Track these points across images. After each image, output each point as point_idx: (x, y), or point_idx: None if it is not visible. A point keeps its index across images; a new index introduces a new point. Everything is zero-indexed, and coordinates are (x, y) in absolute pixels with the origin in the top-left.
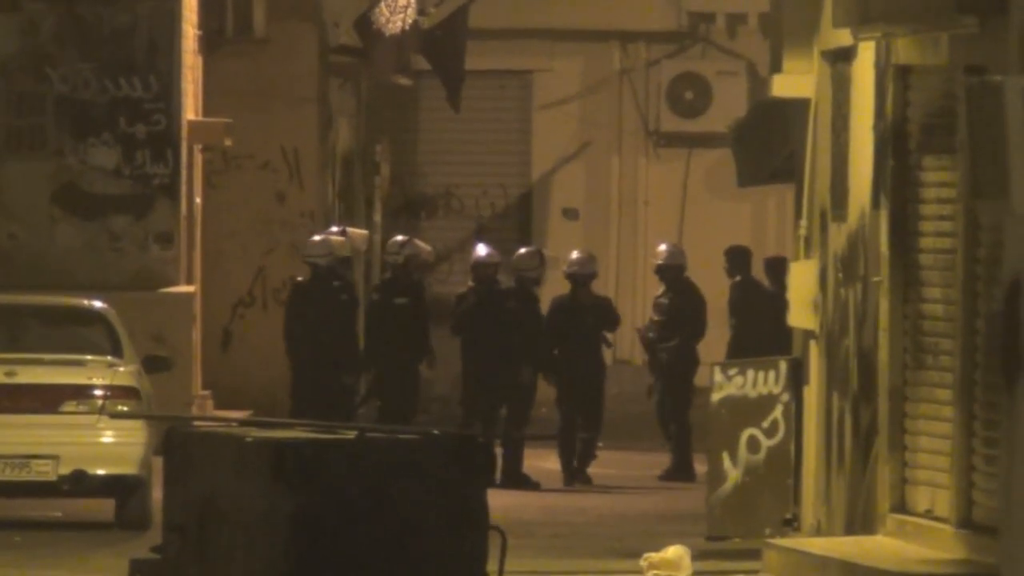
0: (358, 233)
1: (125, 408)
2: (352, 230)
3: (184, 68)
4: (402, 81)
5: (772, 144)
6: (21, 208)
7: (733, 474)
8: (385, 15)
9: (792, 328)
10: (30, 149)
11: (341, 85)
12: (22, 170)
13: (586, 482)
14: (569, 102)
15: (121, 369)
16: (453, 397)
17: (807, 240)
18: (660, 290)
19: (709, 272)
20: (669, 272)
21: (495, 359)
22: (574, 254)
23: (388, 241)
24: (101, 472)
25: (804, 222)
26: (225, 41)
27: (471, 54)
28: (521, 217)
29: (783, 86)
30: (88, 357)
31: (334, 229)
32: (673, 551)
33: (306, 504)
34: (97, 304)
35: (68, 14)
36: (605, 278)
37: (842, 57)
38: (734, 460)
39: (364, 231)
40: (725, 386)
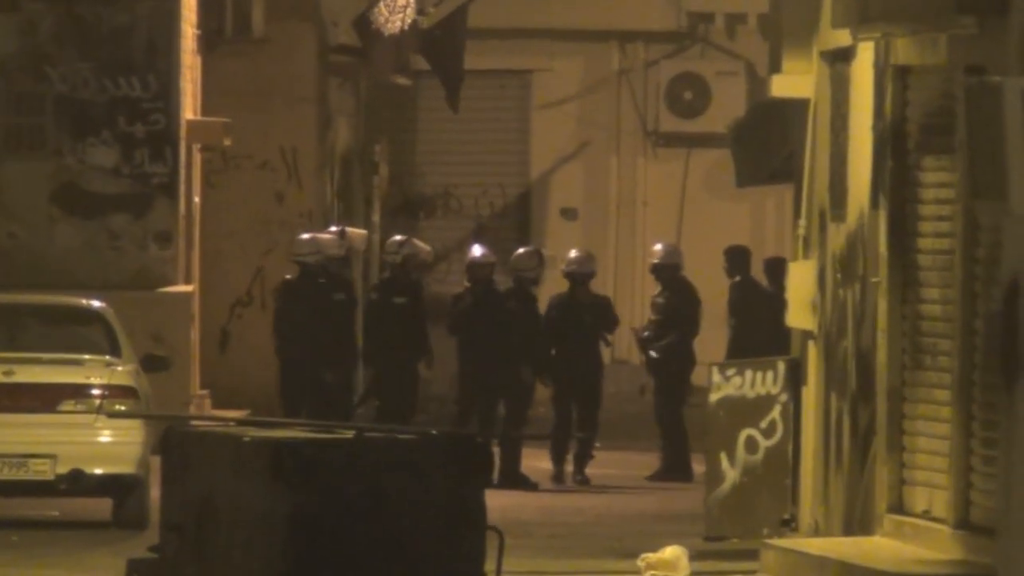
0: (357, 233)
1: (123, 407)
2: (351, 230)
3: (183, 68)
4: (401, 81)
5: (771, 144)
6: (20, 207)
7: (731, 474)
8: (384, 15)
9: (790, 328)
10: (29, 148)
11: (340, 85)
12: (21, 169)
13: (584, 482)
14: (568, 102)
15: (119, 368)
16: (451, 397)
17: (806, 240)
18: (657, 289)
19: (708, 272)
20: (665, 271)
21: (492, 359)
22: (572, 253)
23: (387, 241)
24: (99, 471)
25: (803, 222)
26: (224, 41)
27: (470, 54)
28: (520, 217)
29: (782, 86)
30: (86, 356)
31: (333, 229)
32: (671, 551)
33: (304, 504)
34: (95, 303)
35: (67, 14)
36: (604, 278)
37: (841, 57)
38: (732, 460)
39: (363, 231)
40: (723, 386)
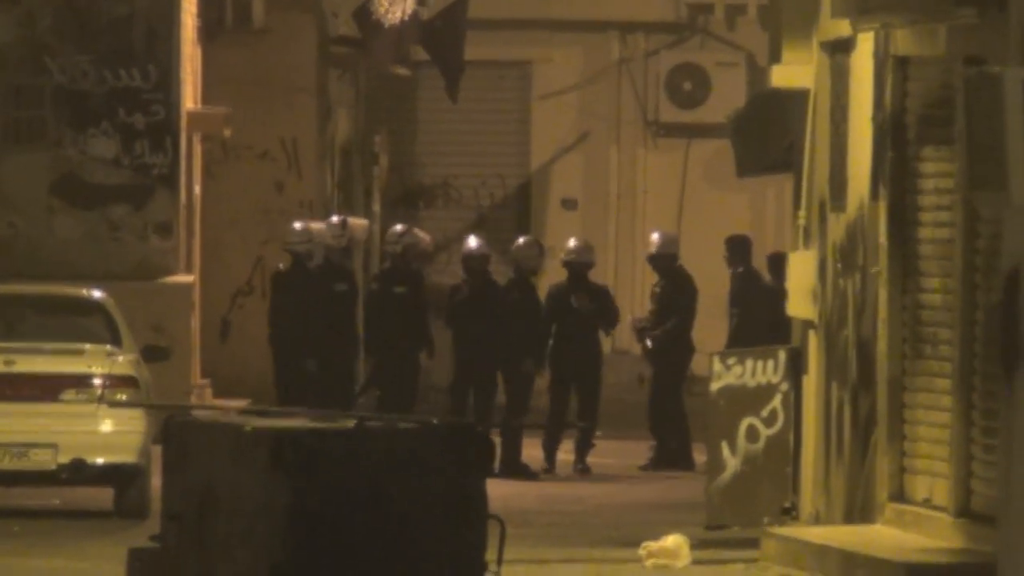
0: (358, 223)
1: (124, 397)
2: (352, 220)
3: (183, 58)
4: (401, 71)
5: (771, 135)
6: (21, 198)
7: (732, 463)
8: (384, 5)
9: (791, 318)
10: (29, 140)
11: (340, 75)
12: (21, 161)
13: (584, 471)
14: (568, 92)
15: (120, 358)
16: (444, 387)
17: (806, 231)
18: (655, 279)
19: (708, 262)
20: (662, 261)
21: (487, 350)
22: (571, 242)
23: (387, 231)
24: (100, 461)
25: (803, 213)
26: (224, 31)
27: (470, 44)
28: (520, 207)
29: (782, 77)
30: (87, 346)
31: (334, 219)
32: (672, 540)
33: (304, 493)
34: (96, 293)
35: (66, 5)
36: (604, 268)
37: (841, 48)
38: (733, 449)
39: (364, 221)
40: (724, 375)
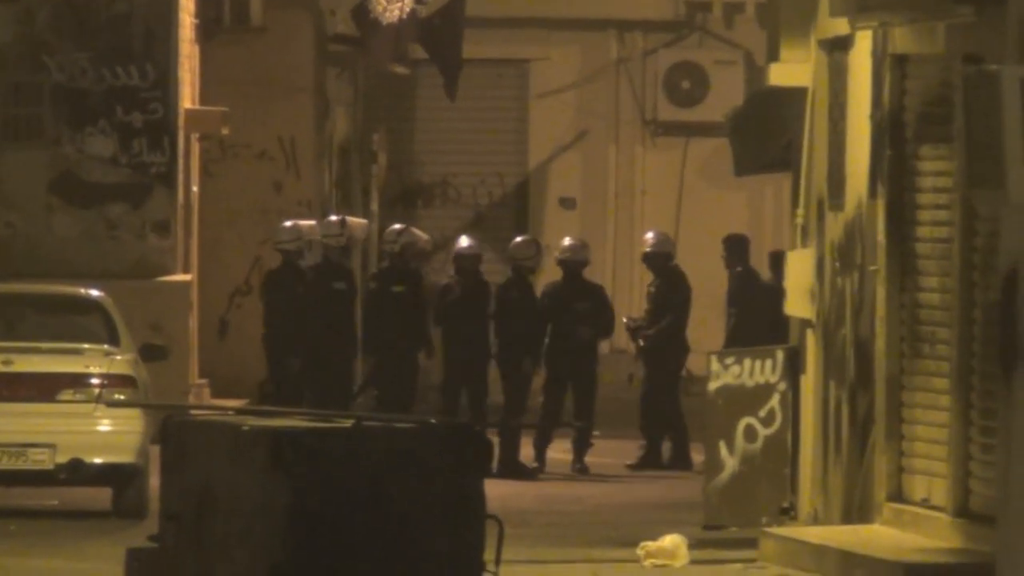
0: (357, 222)
1: (122, 397)
2: (352, 219)
3: (181, 57)
4: (399, 70)
5: (769, 133)
6: (18, 197)
7: (730, 463)
8: (382, 3)
9: (789, 318)
10: (27, 138)
11: (338, 74)
12: (19, 159)
13: (583, 471)
14: (566, 91)
15: (118, 357)
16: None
17: (804, 229)
18: (651, 278)
19: (706, 261)
20: (656, 260)
21: (480, 350)
22: (566, 240)
23: (385, 230)
24: (98, 461)
25: (801, 211)
26: (222, 30)
27: (468, 43)
28: (518, 206)
29: (780, 75)
30: (85, 346)
31: (333, 218)
32: (670, 540)
33: (302, 492)
34: (94, 293)
35: (65, 3)
36: (602, 267)
37: (839, 46)
38: (731, 449)
39: (363, 220)
40: (722, 375)
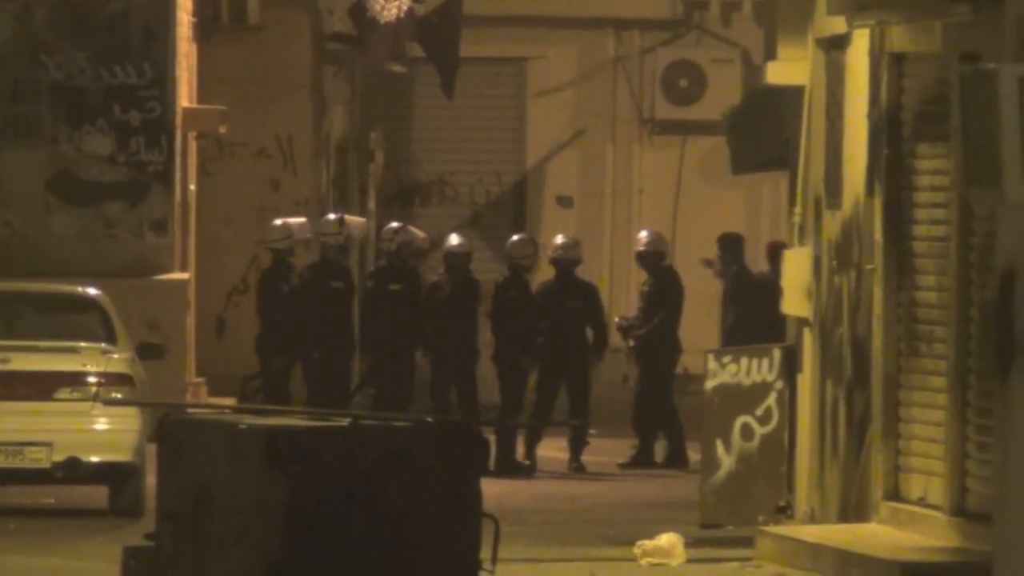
0: (356, 221)
1: (119, 395)
2: (350, 218)
3: (179, 55)
4: (396, 68)
5: (766, 132)
6: (16, 196)
7: (727, 462)
8: (380, 2)
9: (786, 316)
10: (25, 137)
11: (336, 72)
12: (17, 158)
13: (579, 469)
14: (563, 90)
15: (115, 356)
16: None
17: (801, 228)
18: (644, 277)
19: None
20: (650, 259)
21: (469, 348)
22: (559, 239)
23: (383, 228)
24: (95, 459)
25: (798, 210)
26: (220, 28)
27: (465, 41)
28: (515, 205)
29: (777, 74)
30: (82, 344)
31: (331, 216)
32: (666, 538)
33: (299, 491)
34: (91, 291)
35: (62, 2)
36: (599, 266)
37: (836, 44)
38: (728, 448)
39: (362, 219)
40: (719, 374)
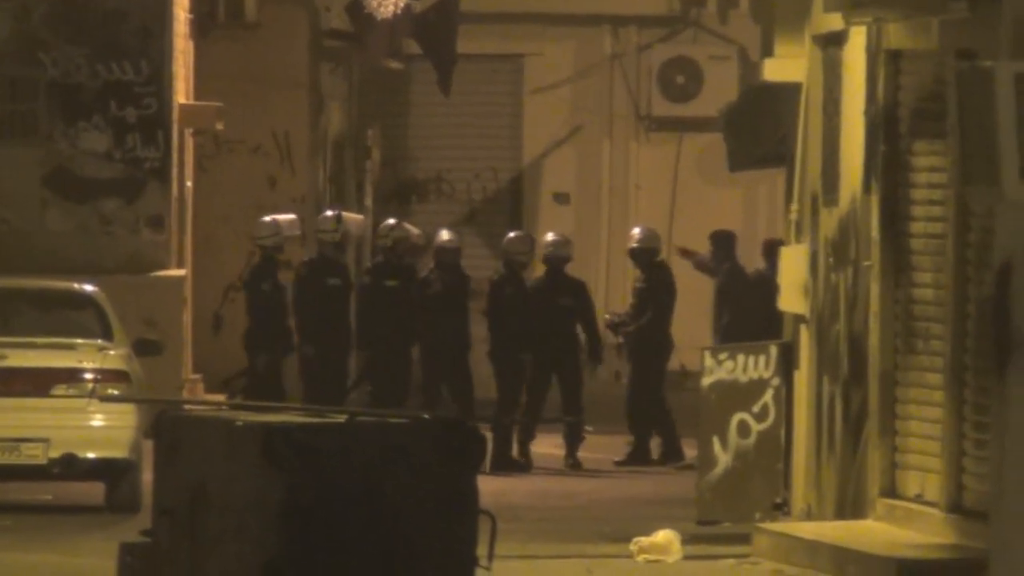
0: (353, 218)
1: (116, 392)
2: (348, 215)
3: (175, 52)
4: (393, 65)
5: (763, 129)
6: (12, 192)
7: (723, 459)
8: None
9: (782, 312)
10: (22, 134)
11: (332, 69)
12: (13, 154)
13: (575, 466)
14: (560, 86)
15: (112, 353)
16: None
17: (798, 224)
18: (638, 274)
19: None
20: (643, 255)
21: (460, 344)
22: (549, 236)
23: (380, 225)
24: (91, 455)
25: (795, 206)
26: (216, 25)
27: (462, 38)
28: (512, 201)
29: (774, 70)
30: (79, 341)
31: (329, 213)
32: (663, 535)
33: (296, 488)
34: (88, 288)
35: None
36: (596, 263)
37: (833, 41)
38: (724, 445)
39: (360, 216)
40: (715, 370)
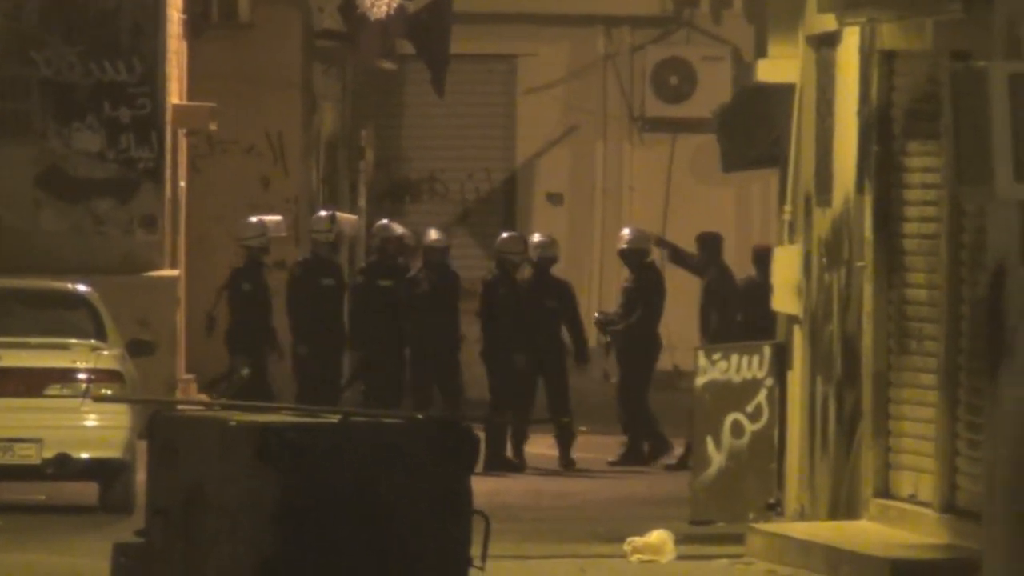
0: (347, 218)
1: (109, 392)
2: (341, 215)
3: (169, 52)
4: (387, 66)
5: (757, 129)
6: (5, 192)
7: (717, 459)
8: None
9: (775, 313)
10: (14, 133)
11: (326, 70)
12: (6, 154)
13: (569, 466)
14: (554, 87)
15: (105, 353)
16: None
17: (791, 225)
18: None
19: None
20: (632, 256)
21: (448, 343)
22: (535, 237)
23: (373, 225)
24: (85, 456)
25: (788, 207)
26: (210, 25)
27: (456, 38)
28: (505, 202)
29: (768, 71)
30: (72, 341)
31: (323, 213)
32: (657, 535)
33: (290, 488)
34: (81, 288)
35: None
36: (589, 263)
37: (827, 42)
38: (718, 445)
39: (353, 216)
40: (709, 370)
